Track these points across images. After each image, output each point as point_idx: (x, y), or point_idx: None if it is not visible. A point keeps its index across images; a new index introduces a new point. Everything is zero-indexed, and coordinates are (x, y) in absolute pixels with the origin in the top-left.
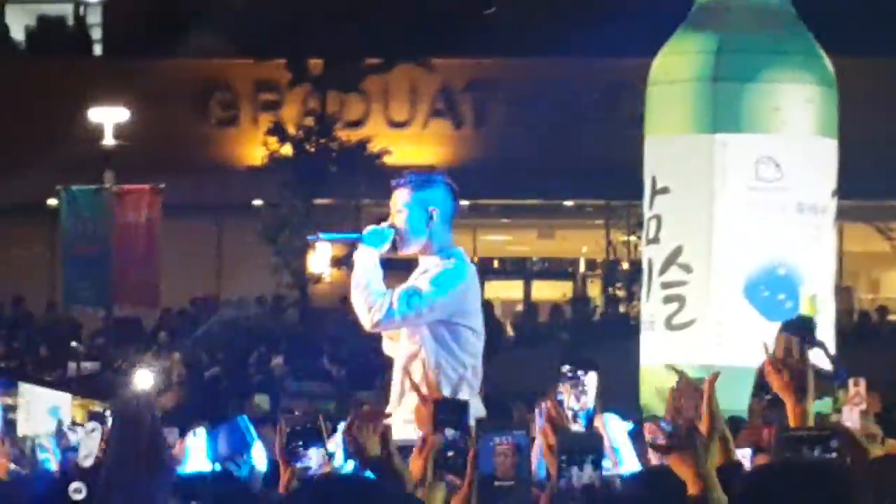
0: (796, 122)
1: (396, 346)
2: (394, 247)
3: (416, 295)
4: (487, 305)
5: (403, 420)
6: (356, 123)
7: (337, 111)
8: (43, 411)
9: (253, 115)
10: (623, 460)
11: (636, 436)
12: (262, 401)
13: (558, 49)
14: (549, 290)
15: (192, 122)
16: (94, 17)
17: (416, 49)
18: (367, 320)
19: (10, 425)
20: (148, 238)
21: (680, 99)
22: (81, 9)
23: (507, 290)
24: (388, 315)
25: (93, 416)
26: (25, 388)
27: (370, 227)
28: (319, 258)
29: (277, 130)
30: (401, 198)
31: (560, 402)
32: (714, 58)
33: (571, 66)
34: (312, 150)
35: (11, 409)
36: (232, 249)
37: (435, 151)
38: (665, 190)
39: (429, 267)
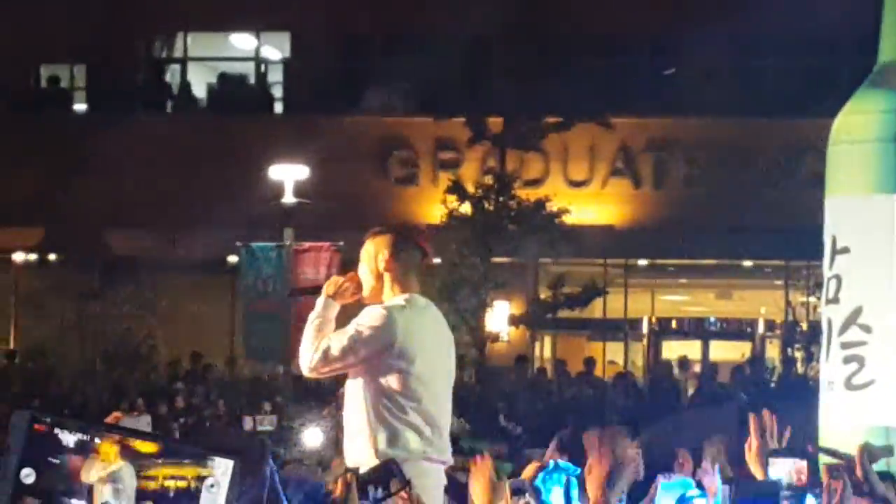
0: None
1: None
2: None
3: (337, 341)
4: (664, 365)
5: None
6: (535, 182)
7: (516, 169)
8: None
9: (432, 173)
10: None
11: None
12: None
13: (737, 108)
14: (727, 351)
15: (371, 179)
16: (275, 76)
17: (596, 108)
18: (302, 366)
19: None
20: None
21: (862, 159)
22: (263, 67)
23: (685, 350)
24: (312, 366)
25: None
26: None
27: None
28: (497, 317)
29: (456, 188)
30: (363, 248)
31: None
32: None
33: (751, 125)
34: (491, 208)
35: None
36: None
37: (614, 211)
38: (845, 250)
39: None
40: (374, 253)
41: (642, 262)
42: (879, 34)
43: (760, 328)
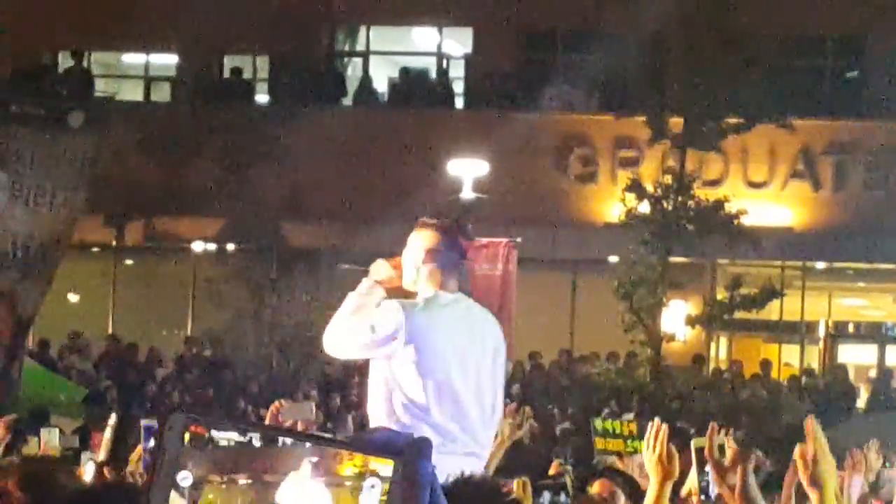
0: None
1: None
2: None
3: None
4: (840, 369)
5: None
6: (714, 182)
7: (695, 170)
8: None
9: (611, 171)
10: None
11: None
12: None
13: None
14: None
15: (550, 176)
16: (457, 71)
17: (777, 109)
18: (329, 341)
19: None
20: (503, 291)
21: None
22: (444, 62)
23: (862, 355)
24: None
25: (373, 472)
26: None
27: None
28: (673, 316)
29: (635, 187)
30: (410, 237)
31: None
32: None
33: None
34: (669, 207)
35: None
36: (586, 305)
37: (792, 213)
38: None
39: None
40: (416, 245)
41: (820, 264)
42: None
43: None
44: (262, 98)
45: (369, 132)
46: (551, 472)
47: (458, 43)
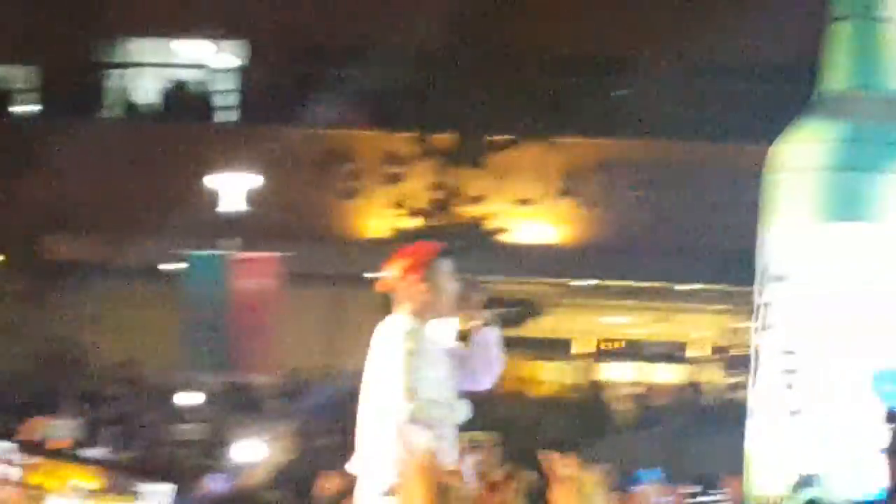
0: None
1: None
2: None
3: None
4: (603, 387)
5: None
6: (479, 199)
7: (461, 186)
8: None
9: (377, 187)
10: None
11: None
12: None
13: (684, 132)
14: (664, 374)
15: (316, 191)
16: (224, 84)
17: (544, 127)
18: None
19: None
20: (266, 306)
21: (802, 187)
22: (211, 75)
23: (624, 373)
24: None
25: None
26: None
27: None
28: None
29: (400, 203)
30: None
31: None
32: (840, 147)
33: (697, 150)
34: (435, 223)
35: None
36: (350, 320)
37: (558, 230)
38: (780, 278)
39: None
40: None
41: (585, 282)
42: (821, 62)
43: (700, 352)
44: (25, 109)
45: (137, 145)
46: None
47: (230, 55)
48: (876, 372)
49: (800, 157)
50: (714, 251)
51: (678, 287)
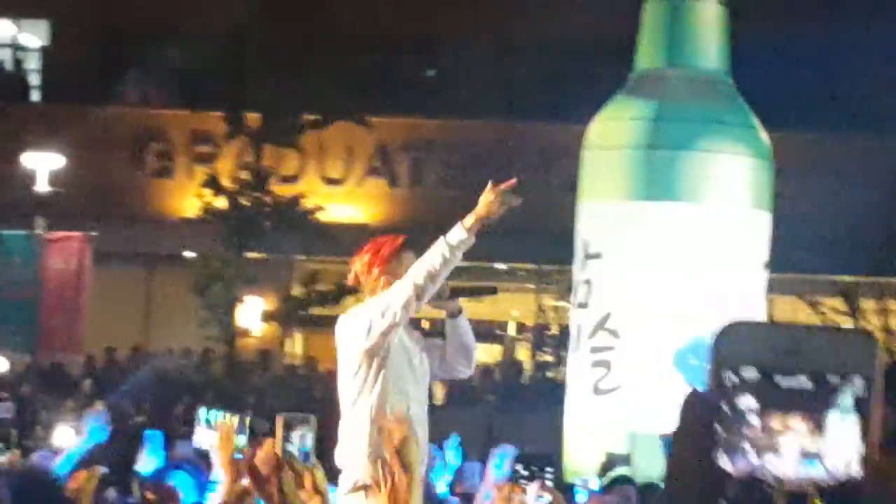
0: (730, 193)
1: None
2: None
3: None
4: None
5: None
6: (291, 178)
7: (273, 165)
8: None
9: (188, 167)
10: None
11: None
12: (185, 451)
13: (496, 112)
14: (478, 353)
15: (126, 170)
16: (33, 63)
17: (354, 106)
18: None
19: None
20: (76, 285)
21: (615, 165)
22: (19, 54)
23: None
24: None
25: None
26: None
27: None
28: (249, 312)
29: (212, 183)
30: None
31: None
32: (651, 125)
33: (508, 129)
34: (246, 203)
35: None
36: (161, 300)
37: (369, 210)
38: (597, 255)
39: None
40: None
41: None
42: (636, 43)
43: (512, 331)
44: None
45: None
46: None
47: (34, 35)
48: (680, 347)
49: (612, 136)
50: (530, 230)
51: (494, 265)
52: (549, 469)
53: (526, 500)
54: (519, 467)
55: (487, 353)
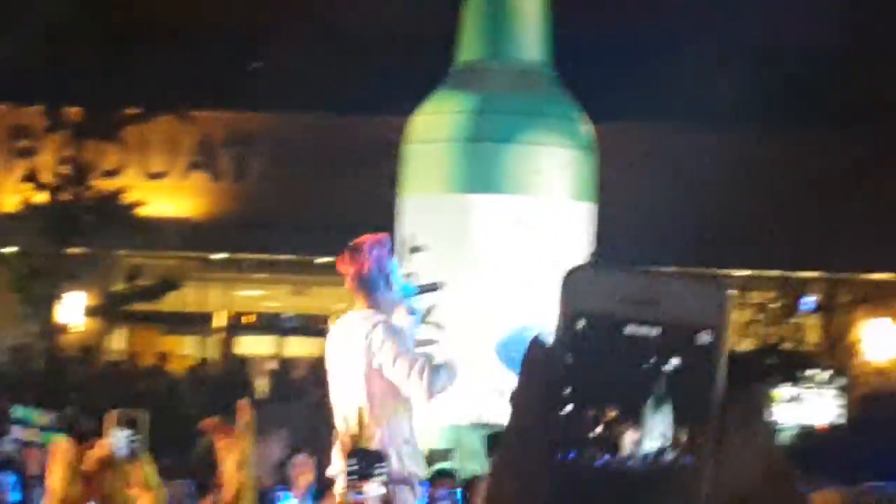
0: (553, 184)
1: None
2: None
3: None
4: (241, 360)
5: None
6: (112, 173)
7: (94, 160)
8: None
9: (7, 161)
10: None
11: None
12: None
13: (319, 106)
14: (302, 347)
15: None
16: None
17: (176, 100)
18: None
19: None
20: None
21: (438, 158)
22: None
23: (261, 346)
24: None
25: None
26: None
27: None
28: (70, 308)
29: (31, 177)
30: None
31: None
32: (473, 118)
33: (331, 123)
34: (67, 198)
35: None
36: None
37: (192, 204)
38: (420, 248)
39: None
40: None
41: (220, 255)
42: (457, 35)
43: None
44: None
45: None
46: None
47: None
48: (503, 339)
49: (434, 129)
50: (353, 224)
51: (313, 259)
52: (382, 465)
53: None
54: (353, 462)
55: (311, 347)
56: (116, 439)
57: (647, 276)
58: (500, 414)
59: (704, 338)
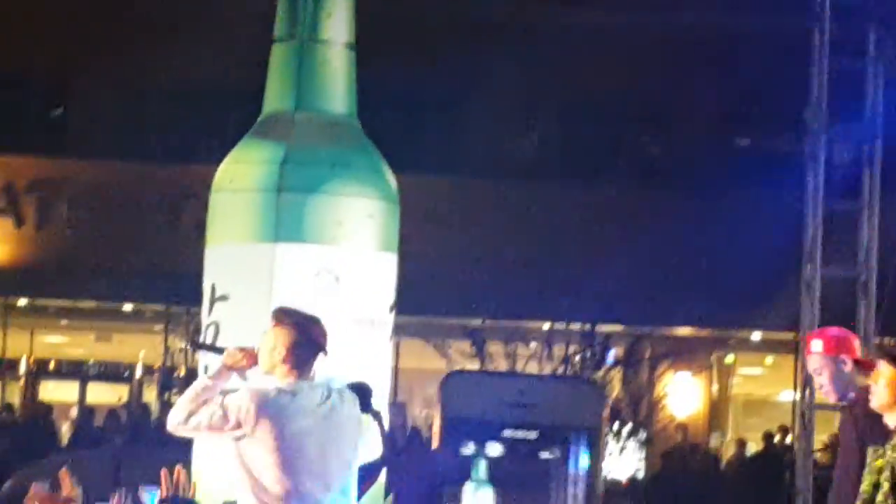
0: (357, 235)
1: None
2: None
3: None
4: (44, 407)
5: None
6: None
7: None
8: None
9: None
10: None
11: None
12: None
13: (126, 153)
14: (104, 394)
15: None
16: None
17: None
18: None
19: None
20: None
21: (243, 207)
22: None
23: (63, 392)
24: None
25: None
26: None
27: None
28: None
29: None
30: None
31: None
32: (278, 168)
33: (138, 170)
34: None
35: None
36: None
37: None
38: (224, 297)
39: None
40: (274, 342)
41: (22, 301)
42: (265, 86)
43: (139, 372)
44: None
45: None
46: None
47: None
48: None
49: (240, 178)
50: (158, 271)
51: (118, 306)
52: None
53: None
54: None
55: (114, 394)
56: None
57: (523, 379)
58: None
59: (581, 437)
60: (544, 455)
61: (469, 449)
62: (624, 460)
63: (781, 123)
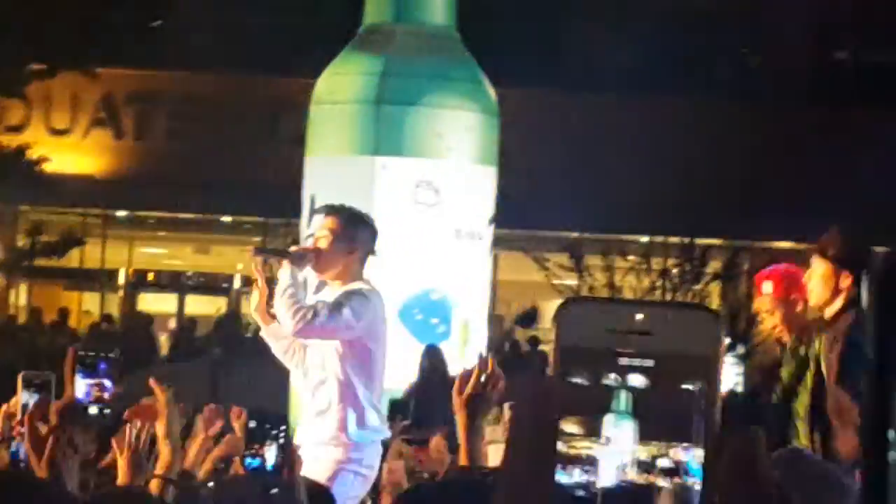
0: (457, 148)
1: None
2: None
3: (340, 306)
4: (144, 318)
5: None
6: (16, 129)
7: None
8: None
9: None
10: None
11: None
12: None
13: (223, 64)
14: (203, 305)
15: None
16: None
17: (80, 57)
18: (289, 327)
19: None
20: None
21: (342, 120)
22: None
23: (162, 304)
24: (310, 324)
25: None
26: None
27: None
28: None
29: None
30: (329, 225)
31: None
32: (378, 80)
33: (235, 82)
34: None
35: None
36: None
37: (95, 161)
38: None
39: (340, 291)
40: (347, 235)
41: (121, 213)
42: None
43: (237, 284)
44: None
45: None
46: None
47: None
48: (405, 302)
49: (340, 90)
50: (256, 183)
51: (216, 218)
52: (282, 428)
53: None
54: (252, 424)
55: (212, 306)
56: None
57: (640, 307)
58: (400, 379)
59: (698, 366)
60: (686, 385)
61: (608, 379)
62: (724, 373)
63: None
